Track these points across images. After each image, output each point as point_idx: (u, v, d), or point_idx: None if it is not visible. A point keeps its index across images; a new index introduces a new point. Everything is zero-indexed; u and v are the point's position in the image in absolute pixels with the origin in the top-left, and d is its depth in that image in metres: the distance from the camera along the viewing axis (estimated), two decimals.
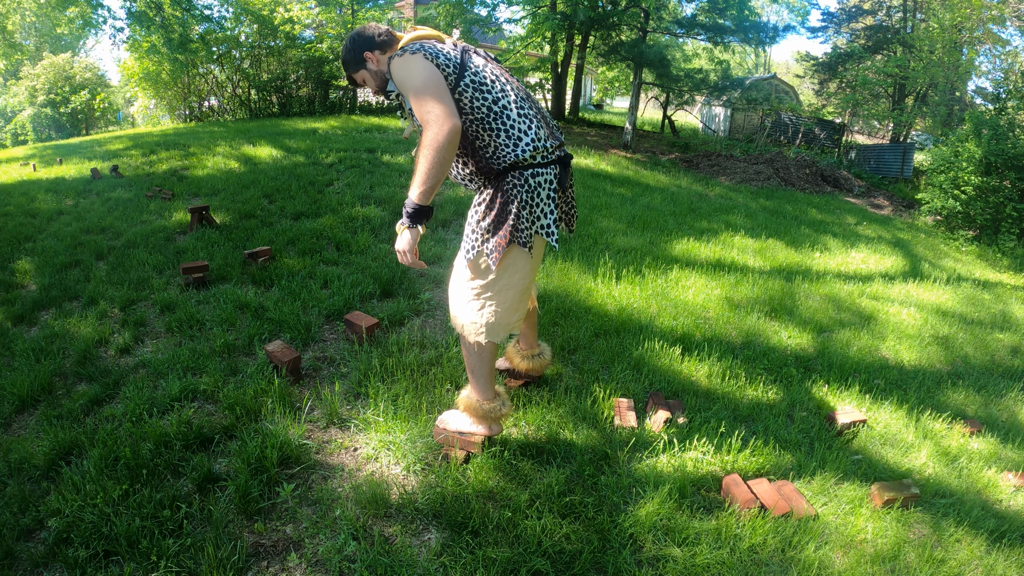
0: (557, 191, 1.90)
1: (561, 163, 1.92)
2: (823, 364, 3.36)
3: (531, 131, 1.82)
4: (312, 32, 15.69)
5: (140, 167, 7.53)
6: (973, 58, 16.94)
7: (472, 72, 1.79)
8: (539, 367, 2.49)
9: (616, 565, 1.81)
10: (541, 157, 1.84)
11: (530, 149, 1.81)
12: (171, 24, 12.98)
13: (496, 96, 1.80)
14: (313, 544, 1.84)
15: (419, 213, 1.75)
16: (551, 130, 1.94)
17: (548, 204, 1.86)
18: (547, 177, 1.85)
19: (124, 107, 23.37)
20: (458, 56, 1.80)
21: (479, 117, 1.80)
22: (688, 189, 8.37)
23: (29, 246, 4.53)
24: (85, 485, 1.97)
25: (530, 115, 1.85)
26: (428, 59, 1.72)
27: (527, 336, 2.49)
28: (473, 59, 1.84)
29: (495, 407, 2.10)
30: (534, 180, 1.83)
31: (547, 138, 1.87)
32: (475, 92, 1.78)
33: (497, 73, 1.88)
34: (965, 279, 5.77)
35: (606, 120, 17.93)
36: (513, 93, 1.85)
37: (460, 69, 1.77)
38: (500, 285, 1.93)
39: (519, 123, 1.81)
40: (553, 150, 1.89)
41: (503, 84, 1.84)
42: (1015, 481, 2.54)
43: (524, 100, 1.88)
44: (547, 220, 1.87)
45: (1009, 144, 8.17)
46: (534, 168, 1.83)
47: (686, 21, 12.19)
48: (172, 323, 3.19)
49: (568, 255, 4.48)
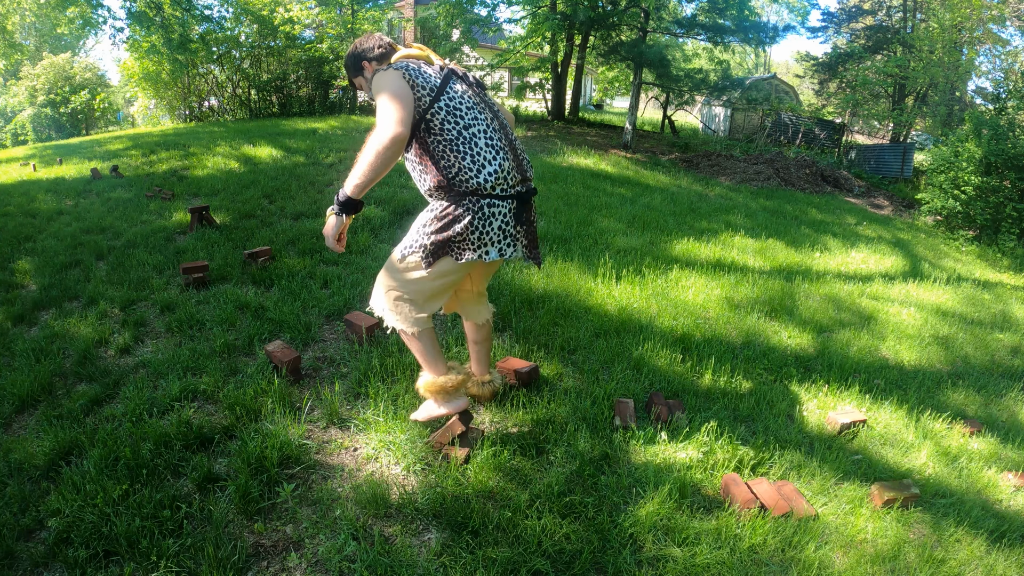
0: (511, 225, 1.98)
1: (520, 199, 2.00)
2: (823, 364, 3.36)
3: (495, 162, 1.91)
4: (312, 32, 15.70)
5: (140, 167, 7.53)
6: (973, 58, 16.96)
7: (448, 97, 1.91)
8: (488, 393, 2.54)
9: (616, 565, 1.81)
10: (501, 189, 1.93)
11: (492, 179, 1.90)
12: (171, 24, 12.97)
13: (468, 123, 1.91)
14: (313, 544, 1.84)
15: (349, 204, 1.88)
16: (520, 164, 2.01)
17: (498, 234, 1.95)
18: (502, 210, 1.94)
19: (124, 107, 23.37)
20: (439, 80, 1.92)
21: (448, 139, 1.90)
22: (688, 189, 8.37)
23: (29, 246, 4.53)
24: (85, 485, 1.97)
25: (498, 146, 1.94)
26: (405, 77, 1.85)
27: (479, 362, 2.53)
28: (455, 85, 1.96)
29: (450, 378, 2.17)
30: (489, 210, 1.92)
31: (511, 171, 1.95)
32: (447, 115, 1.90)
33: (476, 102, 1.98)
34: (965, 279, 5.77)
35: (606, 120, 17.92)
36: (485, 123, 1.95)
37: (437, 92, 1.90)
38: (418, 286, 2.04)
39: (485, 152, 1.91)
40: (515, 184, 1.97)
41: (477, 113, 1.95)
42: (1015, 481, 2.54)
43: (496, 131, 1.97)
44: (492, 249, 1.96)
45: (1009, 144, 8.16)
46: (492, 199, 1.92)
47: (686, 21, 12.18)
48: (172, 323, 3.19)
49: (568, 255, 4.48)
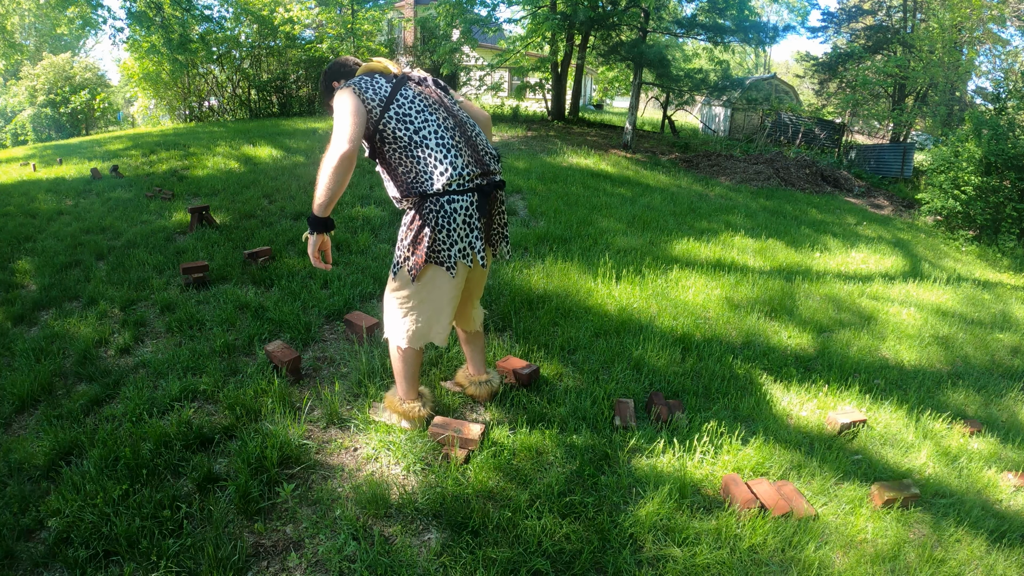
0: (475, 217, 2.01)
1: (481, 191, 2.02)
2: (823, 364, 3.36)
3: (447, 160, 1.95)
4: (312, 32, 15.70)
5: (140, 167, 7.53)
6: (973, 58, 16.94)
7: (398, 104, 1.98)
8: (486, 393, 2.54)
9: (616, 565, 1.81)
10: (457, 185, 1.96)
11: (445, 178, 1.94)
12: (171, 24, 12.97)
13: (418, 126, 1.97)
14: (313, 544, 1.84)
15: (317, 223, 1.95)
16: (479, 158, 2.04)
17: (464, 229, 1.99)
18: (462, 204, 1.97)
19: (124, 107, 23.36)
20: (389, 90, 1.98)
21: (401, 145, 1.97)
22: (688, 189, 8.37)
23: (29, 246, 4.53)
24: (85, 485, 1.97)
25: (449, 144, 1.98)
26: (355, 93, 1.93)
27: (475, 362, 2.54)
28: (406, 91, 2.01)
29: (414, 407, 2.29)
30: (449, 207, 1.96)
31: (466, 166, 1.98)
32: (398, 123, 1.96)
33: (427, 104, 2.02)
34: (965, 279, 5.77)
35: (606, 120, 17.92)
36: (436, 123, 1.99)
37: (387, 102, 1.96)
38: (419, 298, 2.11)
39: (436, 152, 1.96)
40: (472, 178, 2.00)
41: (428, 115, 2.00)
42: (1015, 481, 2.54)
43: (449, 129, 2.00)
44: (463, 244, 2.00)
45: (1009, 144, 8.16)
46: (450, 195, 1.96)
47: (686, 21, 12.16)
48: (172, 323, 3.19)
49: (568, 255, 4.48)
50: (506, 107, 16.83)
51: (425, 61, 14.16)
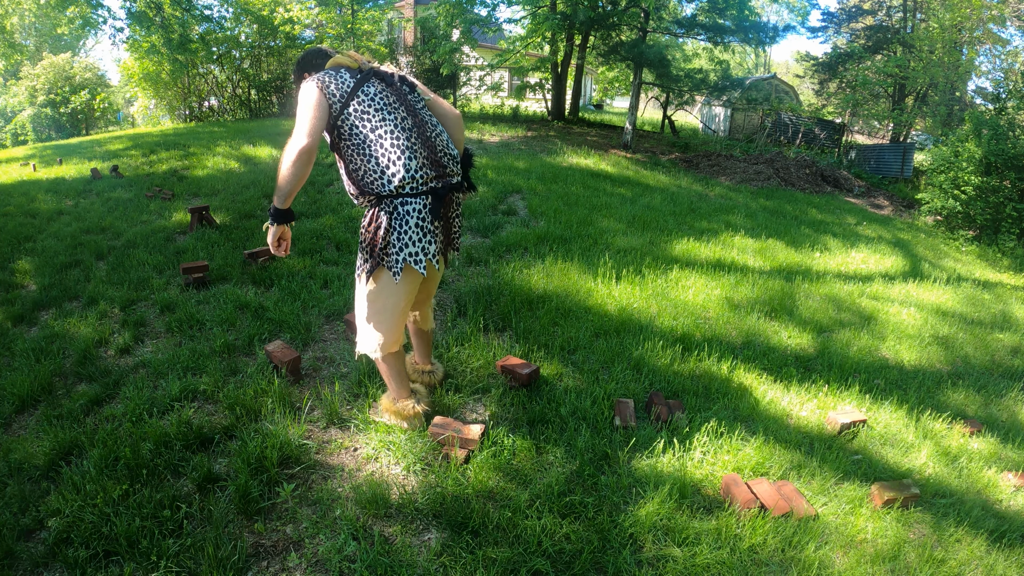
0: (428, 220, 2.00)
1: (435, 194, 2.00)
2: (823, 364, 3.36)
3: (400, 161, 1.94)
4: (312, 32, 15.70)
5: (140, 167, 7.53)
6: (973, 58, 16.94)
7: (359, 101, 1.96)
8: (427, 383, 2.57)
9: (616, 565, 1.81)
10: (411, 188, 1.96)
11: (397, 179, 1.93)
12: (171, 24, 12.98)
13: (375, 125, 1.95)
14: (313, 544, 1.84)
15: (277, 214, 1.97)
16: (437, 160, 2.02)
17: (416, 232, 1.98)
18: (415, 207, 1.97)
19: (124, 107, 23.36)
20: (352, 85, 1.97)
21: (356, 143, 1.96)
22: (688, 189, 8.37)
23: (29, 246, 4.53)
24: (85, 485, 1.97)
25: (404, 145, 1.95)
26: (319, 87, 1.93)
27: (421, 352, 2.57)
28: (369, 88, 2.00)
29: (407, 405, 2.30)
30: (403, 208, 1.96)
31: (419, 169, 1.96)
32: (356, 120, 1.95)
33: (389, 102, 2.00)
34: (965, 279, 5.77)
35: (606, 120, 17.91)
36: (394, 123, 1.97)
37: (348, 97, 1.95)
38: (379, 305, 2.09)
39: (390, 152, 1.94)
40: (426, 181, 1.98)
41: (387, 114, 1.97)
42: (1015, 481, 2.54)
43: (406, 130, 1.98)
44: (415, 248, 1.99)
45: (1009, 144, 8.16)
46: (403, 197, 1.96)
47: (686, 21, 12.16)
48: (172, 323, 3.19)
49: (568, 255, 4.48)
50: (506, 107, 16.83)
51: (425, 61, 14.14)
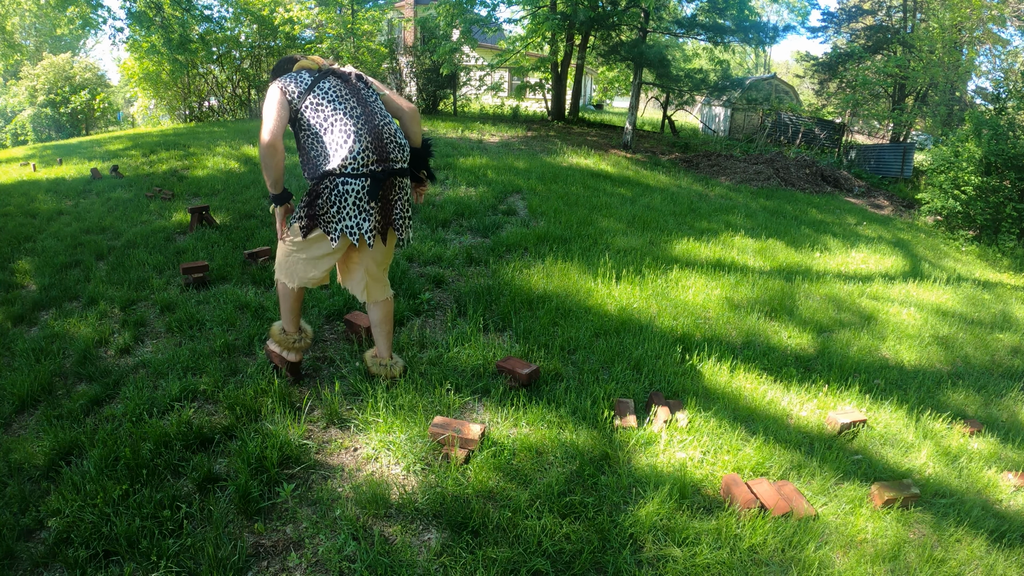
0: (365, 200, 2.27)
1: (374, 176, 2.27)
2: (823, 364, 3.36)
3: (346, 146, 2.22)
4: (312, 32, 15.69)
5: (140, 167, 7.53)
6: (973, 58, 16.95)
7: (314, 94, 2.26)
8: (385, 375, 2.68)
9: (616, 565, 1.81)
10: (352, 169, 2.23)
11: (339, 159, 2.22)
12: (171, 24, 12.97)
13: (328, 114, 2.25)
14: (313, 544, 1.84)
15: (275, 197, 2.30)
16: (381, 147, 2.28)
17: (353, 209, 2.27)
18: (354, 187, 2.25)
19: (124, 107, 23.38)
20: (309, 82, 2.27)
21: (312, 132, 2.26)
22: (688, 189, 8.37)
23: (29, 246, 4.53)
24: (85, 485, 1.97)
25: (351, 131, 2.23)
26: (280, 89, 2.23)
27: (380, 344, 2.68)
28: (324, 83, 2.29)
29: (294, 338, 2.60)
30: (343, 187, 2.24)
31: (362, 152, 2.24)
32: (312, 112, 2.25)
33: (342, 94, 2.29)
34: (965, 279, 5.77)
35: (606, 120, 17.91)
36: (344, 111, 2.25)
37: (305, 93, 2.25)
38: (303, 251, 2.41)
39: (339, 137, 2.23)
40: (367, 164, 2.25)
41: (338, 104, 2.26)
42: (1015, 481, 2.54)
43: (355, 119, 2.25)
44: (351, 222, 2.28)
45: (1009, 144, 8.16)
46: (345, 177, 2.24)
47: (686, 21, 12.16)
48: (172, 323, 3.19)
49: (568, 255, 4.48)
50: (506, 107, 16.83)
51: (425, 61, 14.13)
